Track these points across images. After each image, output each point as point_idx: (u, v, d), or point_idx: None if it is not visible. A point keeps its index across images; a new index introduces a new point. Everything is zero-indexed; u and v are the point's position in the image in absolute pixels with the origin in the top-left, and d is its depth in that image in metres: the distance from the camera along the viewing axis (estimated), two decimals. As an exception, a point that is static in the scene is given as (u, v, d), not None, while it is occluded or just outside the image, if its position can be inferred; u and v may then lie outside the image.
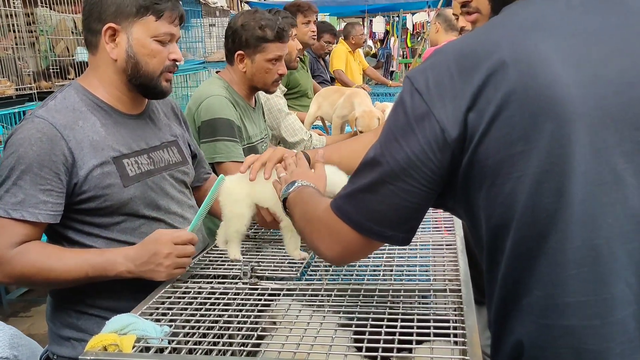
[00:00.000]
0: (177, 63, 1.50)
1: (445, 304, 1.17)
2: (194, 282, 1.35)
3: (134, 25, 1.42)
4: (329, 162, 1.48)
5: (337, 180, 1.36)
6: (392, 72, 10.42)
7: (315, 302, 1.23)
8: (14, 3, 3.37)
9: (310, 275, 1.37)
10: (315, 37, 3.78)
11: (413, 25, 10.15)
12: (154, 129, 1.59)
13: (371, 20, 9.99)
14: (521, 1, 0.89)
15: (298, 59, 3.19)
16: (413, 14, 9.83)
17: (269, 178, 1.42)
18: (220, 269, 1.42)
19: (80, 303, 1.48)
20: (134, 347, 1.02)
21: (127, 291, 1.45)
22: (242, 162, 1.50)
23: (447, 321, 1.08)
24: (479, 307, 1.12)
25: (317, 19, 3.79)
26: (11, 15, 3.46)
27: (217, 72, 2.30)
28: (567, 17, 0.85)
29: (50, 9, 3.90)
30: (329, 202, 0.99)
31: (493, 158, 0.81)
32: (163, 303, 1.25)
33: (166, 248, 1.33)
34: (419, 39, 9.97)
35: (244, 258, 1.47)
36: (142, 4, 1.41)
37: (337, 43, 6.05)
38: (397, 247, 1.47)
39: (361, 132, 2.64)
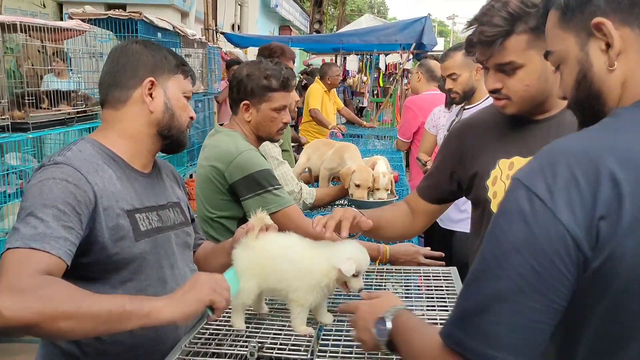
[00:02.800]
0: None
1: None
2: (196, 361, 1.27)
3: (169, 80, 1.52)
4: (376, 226, 1.63)
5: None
6: (362, 108, 10.55)
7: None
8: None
9: (321, 353, 1.31)
10: None
11: (386, 65, 10.33)
12: (162, 189, 1.59)
13: (345, 58, 10.11)
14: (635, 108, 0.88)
15: None
16: (386, 54, 10.01)
17: (346, 237, 1.49)
18: (223, 344, 1.35)
19: None
20: None
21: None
22: (293, 204, 1.45)
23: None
24: None
25: (294, 63, 3.74)
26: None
27: (220, 124, 2.29)
28: None
29: (29, 35, 3.77)
30: (435, 332, 0.88)
31: (627, 268, 0.78)
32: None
33: (204, 274, 1.30)
34: (391, 79, 10.14)
35: (247, 330, 1.40)
36: (175, 63, 1.54)
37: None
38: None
39: (357, 185, 2.62)
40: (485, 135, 1.65)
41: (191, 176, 6.85)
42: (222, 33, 10.43)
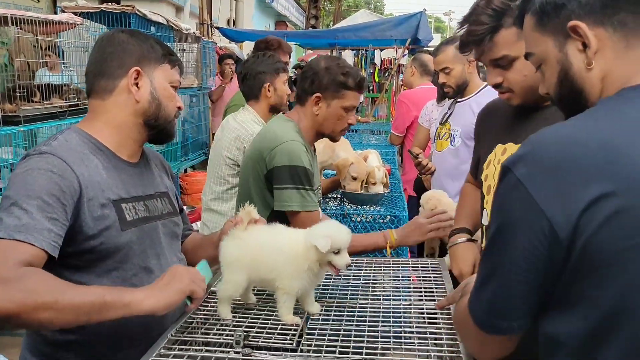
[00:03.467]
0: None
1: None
2: (182, 350, 1.27)
3: (155, 70, 1.51)
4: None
5: None
6: (357, 104, 10.52)
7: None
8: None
9: (307, 341, 1.31)
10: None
11: (381, 60, 10.31)
12: (149, 178, 1.59)
13: (340, 53, 10.09)
14: (619, 99, 0.91)
15: None
16: (382, 50, 9.99)
17: None
18: (209, 333, 1.35)
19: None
20: None
21: (104, 348, 1.38)
22: (315, 211, 1.43)
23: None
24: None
25: (290, 57, 3.73)
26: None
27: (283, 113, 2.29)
28: None
29: (20, 29, 3.76)
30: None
31: (607, 251, 0.81)
32: (150, 375, 1.17)
33: (183, 269, 1.34)
34: (386, 75, 10.13)
35: (234, 320, 1.40)
36: (162, 52, 1.54)
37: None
38: (393, 313, 1.45)
39: (354, 178, 2.62)
40: (494, 120, 1.73)
41: (185, 171, 6.84)
42: (217, 28, 10.39)
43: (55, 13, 5.83)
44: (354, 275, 1.73)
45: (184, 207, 1.84)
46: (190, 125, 6.74)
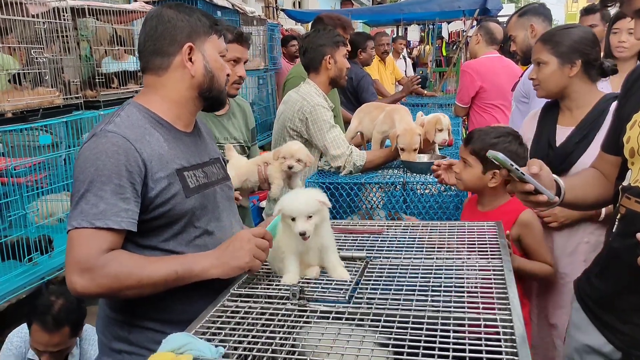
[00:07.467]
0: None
1: (497, 334, 1.17)
2: (244, 302, 1.37)
3: (205, 43, 1.56)
4: (573, 197, 1.62)
5: None
6: (426, 78, 10.34)
7: (365, 327, 1.24)
8: (64, 15, 3.47)
9: (358, 297, 1.38)
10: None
11: (449, 33, 10.07)
12: (203, 146, 1.68)
13: (406, 29, 9.95)
14: None
15: None
16: (449, 22, 9.75)
17: None
18: (269, 288, 1.44)
19: (131, 316, 1.52)
20: (190, 367, 1.05)
21: (178, 303, 1.50)
22: None
23: (500, 353, 1.07)
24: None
25: (345, 31, 3.75)
26: (60, 24, 3.55)
27: None
28: None
29: (97, 19, 4.01)
30: None
31: None
32: (214, 322, 1.27)
33: (246, 236, 1.44)
34: (454, 48, 9.88)
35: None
36: (209, 24, 1.58)
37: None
38: (445, 270, 1.48)
39: (402, 149, 2.64)
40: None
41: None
42: (282, 10, 10.50)
43: (129, 2, 6.11)
44: (409, 237, 1.77)
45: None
46: (259, 106, 6.90)
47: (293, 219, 1.44)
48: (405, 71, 8.35)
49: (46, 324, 2.38)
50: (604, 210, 2.11)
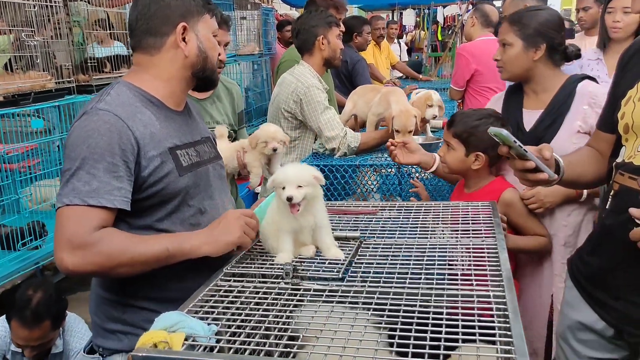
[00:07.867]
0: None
1: (490, 309, 1.17)
2: (237, 281, 1.37)
3: (199, 22, 1.55)
4: (573, 175, 1.63)
5: None
6: (421, 63, 10.31)
7: (358, 304, 1.24)
8: (55, -2, 3.42)
9: (352, 276, 1.37)
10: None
11: (444, 18, 10.02)
12: (194, 124, 1.67)
13: (401, 13, 9.89)
14: None
15: None
16: (444, 6, 9.69)
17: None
18: (262, 268, 1.44)
19: (125, 295, 1.52)
20: (183, 344, 1.04)
21: (173, 281, 1.50)
22: None
23: (493, 328, 1.08)
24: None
25: (339, 12, 3.72)
26: (51, 8, 3.50)
27: None
28: None
29: (89, 3, 3.95)
30: None
31: None
32: (207, 301, 1.27)
33: (235, 214, 1.47)
34: (449, 32, 9.84)
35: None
36: (202, 3, 1.57)
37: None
38: (438, 249, 1.48)
39: (397, 131, 2.63)
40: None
41: (250, 136, 6.98)
42: (278, -6, 10.41)
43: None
44: (403, 217, 1.77)
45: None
46: (253, 92, 6.86)
47: (283, 188, 1.43)
48: (400, 56, 8.30)
49: (25, 319, 2.31)
50: (585, 190, 2.11)
